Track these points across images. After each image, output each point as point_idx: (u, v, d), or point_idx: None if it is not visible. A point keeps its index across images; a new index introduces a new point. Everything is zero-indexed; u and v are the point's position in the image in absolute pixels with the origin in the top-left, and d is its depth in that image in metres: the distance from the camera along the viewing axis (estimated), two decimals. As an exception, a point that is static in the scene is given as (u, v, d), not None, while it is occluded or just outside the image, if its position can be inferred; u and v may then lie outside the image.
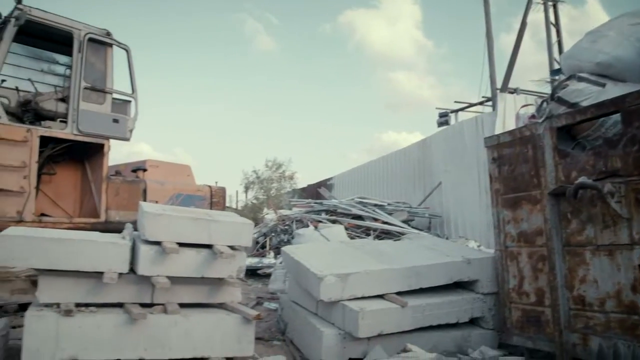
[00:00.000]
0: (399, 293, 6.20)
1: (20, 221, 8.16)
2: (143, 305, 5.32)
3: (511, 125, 10.79)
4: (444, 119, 18.50)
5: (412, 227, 14.54)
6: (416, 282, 6.37)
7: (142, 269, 5.12)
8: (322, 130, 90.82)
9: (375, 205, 15.55)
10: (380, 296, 6.14)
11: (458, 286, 6.72)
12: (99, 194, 9.19)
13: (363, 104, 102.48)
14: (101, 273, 5.09)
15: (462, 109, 19.23)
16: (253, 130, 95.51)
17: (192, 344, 5.31)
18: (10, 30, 8.67)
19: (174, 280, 5.24)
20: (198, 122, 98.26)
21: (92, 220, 9.04)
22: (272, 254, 13.66)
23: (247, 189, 41.85)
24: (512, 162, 6.25)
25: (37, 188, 8.63)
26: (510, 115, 13.89)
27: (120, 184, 9.49)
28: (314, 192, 25.47)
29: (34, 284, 8.05)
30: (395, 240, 11.47)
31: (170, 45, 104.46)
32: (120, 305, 5.35)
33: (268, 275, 11.66)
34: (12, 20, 8.64)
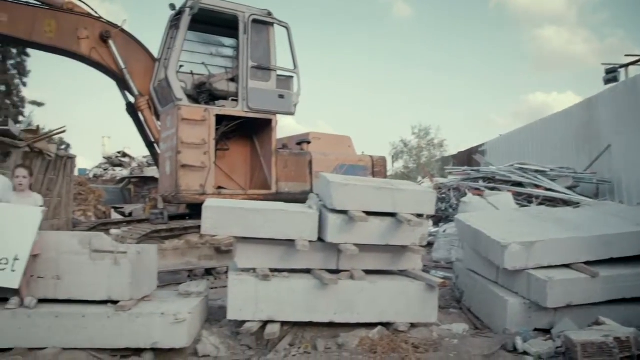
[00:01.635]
0: (586, 263, 5.87)
1: (202, 194, 8.86)
2: (329, 271, 5.56)
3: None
4: (612, 75, 16.90)
5: (578, 194, 13.67)
6: (606, 251, 5.97)
7: (331, 236, 5.33)
8: (464, 95, 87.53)
9: (537, 171, 14.74)
10: (567, 266, 5.85)
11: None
12: (269, 167, 9.68)
13: (506, 65, 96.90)
14: (291, 241, 5.40)
15: (633, 63, 17.47)
16: (392, 100, 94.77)
17: (379, 310, 5.46)
18: (186, 19, 9.34)
19: (359, 248, 5.38)
20: (336, 94, 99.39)
21: (264, 191, 9.56)
22: (430, 222, 13.54)
23: (395, 158, 41.92)
24: None
25: (214, 163, 9.27)
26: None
27: (288, 157, 9.92)
28: (464, 158, 24.77)
29: (218, 251, 8.78)
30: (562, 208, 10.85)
31: (303, 18, 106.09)
32: (307, 271, 5.65)
33: (428, 244, 11.62)
34: (187, 10, 9.30)
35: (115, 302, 5.01)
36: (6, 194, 5.25)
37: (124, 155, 29.69)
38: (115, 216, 17.40)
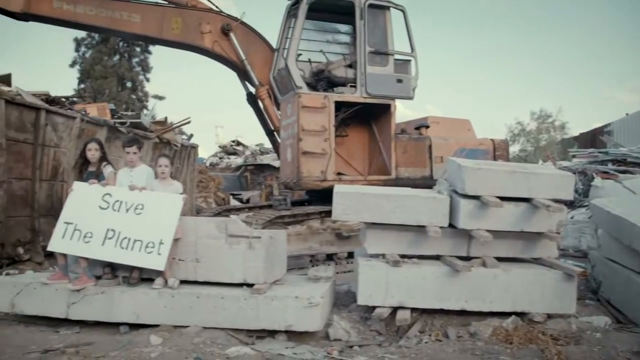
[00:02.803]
0: None
1: (323, 180, 8.99)
2: (458, 258, 5.42)
3: None
4: None
5: None
6: None
7: (462, 222, 5.19)
8: (578, 73, 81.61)
9: (675, 152, 13.59)
10: None
11: None
12: (388, 153, 9.62)
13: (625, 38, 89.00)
14: (421, 227, 5.32)
15: None
16: (500, 81, 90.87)
17: (512, 299, 5.26)
18: (303, 8, 9.46)
19: (491, 234, 5.20)
20: (441, 76, 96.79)
21: (384, 177, 9.53)
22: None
23: (512, 141, 40.17)
24: None
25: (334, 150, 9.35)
26: None
27: (407, 142, 9.81)
28: (587, 140, 23.26)
29: (339, 236, 8.87)
30: None
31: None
32: (436, 257, 5.55)
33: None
34: (305, -1, 9.42)
35: (249, 285, 5.21)
36: (150, 182, 5.59)
37: (238, 143, 30.83)
38: (234, 202, 18.15)
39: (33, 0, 9.29)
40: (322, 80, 9.69)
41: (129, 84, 33.59)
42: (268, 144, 29.25)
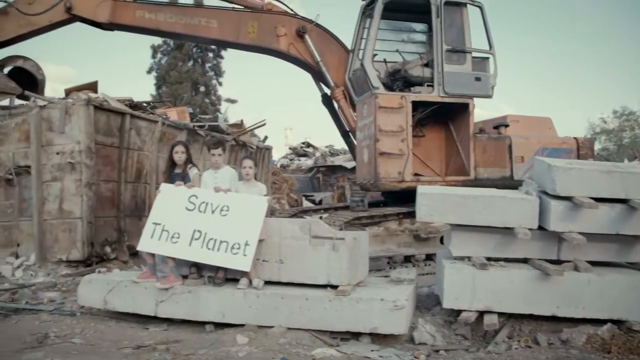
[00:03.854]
0: None
1: (401, 181, 8.89)
2: (548, 262, 5.21)
3: None
4: None
5: None
6: None
7: (553, 224, 4.99)
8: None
9: None
10: None
11: None
12: (467, 153, 9.40)
13: None
14: (508, 229, 5.15)
15: None
16: (575, 78, 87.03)
17: (607, 305, 5.00)
18: (379, 8, 9.40)
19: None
20: (513, 74, 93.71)
21: (462, 177, 9.32)
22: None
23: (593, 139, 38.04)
24: None
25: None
26: None
27: (486, 141, 9.56)
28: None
29: (417, 238, 8.75)
30: None
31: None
32: (524, 260, 5.36)
33: None
34: (380, -1, 9.35)
35: (333, 286, 5.21)
36: (234, 184, 5.70)
37: (308, 145, 31.05)
38: (306, 204, 18.27)
39: (117, 10, 9.73)
40: (398, 80, 9.57)
41: (202, 89, 34.44)
42: (338, 146, 29.45)
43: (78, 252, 8.51)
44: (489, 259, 5.28)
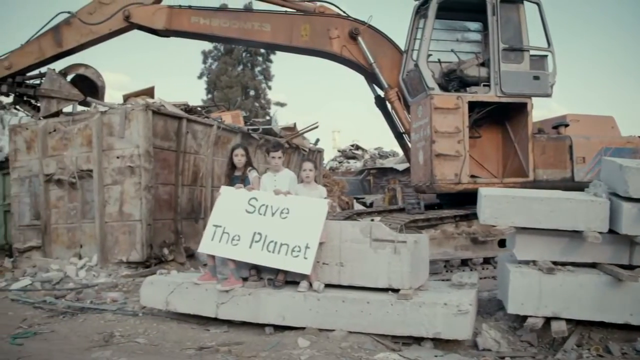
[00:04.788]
0: None
1: (458, 183, 8.72)
2: (619, 267, 4.99)
3: None
4: None
5: None
6: None
7: (625, 228, 4.79)
8: None
9: None
10: None
11: None
12: (525, 154, 9.15)
13: None
14: (575, 232, 4.97)
15: None
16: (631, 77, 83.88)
17: (685, 312, 4.76)
18: (434, 8, 9.26)
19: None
20: (565, 72, 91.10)
21: (521, 179, 9.07)
22: None
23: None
24: None
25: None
26: None
27: (546, 142, 9.28)
28: None
29: (474, 241, 8.57)
30: None
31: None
32: (592, 265, 5.15)
33: None
34: (435, -2, 9.21)
35: (394, 290, 5.13)
36: (293, 187, 5.70)
37: (357, 147, 30.95)
38: (357, 206, 18.17)
39: (173, 17, 9.94)
40: (453, 80, 9.39)
41: (252, 92, 34.84)
42: (387, 148, 29.26)
43: (137, 254, 8.72)
44: (554, 263, 5.10)
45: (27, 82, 10.24)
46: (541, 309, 4.91)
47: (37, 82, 10.24)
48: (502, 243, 8.74)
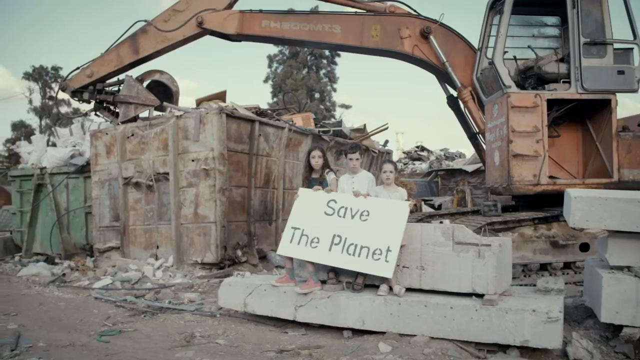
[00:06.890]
0: None
1: (536, 184, 8.39)
2: None
3: None
4: None
5: None
6: None
7: None
8: None
9: None
10: None
11: None
12: (608, 153, 8.69)
13: None
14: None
15: None
16: None
17: None
18: (509, 3, 8.95)
19: None
20: None
21: (604, 180, 8.62)
22: None
23: None
24: None
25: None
26: None
27: (632, 140, 8.78)
28: None
29: (554, 245, 8.22)
30: None
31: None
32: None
33: None
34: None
35: (478, 295, 4.96)
36: (372, 188, 5.61)
37: (422, 149, 30.50)
38: (425, 208, 17.83)
39: (245, 22, 10.10)
40: (530, 77, 9.03)
41: (317, 95, 35.11)
42: (453, 149, 28.66)
43: (212, 255, 8.87)
44: (654, 269, 4.80)
45: (107, 89, 10.63)
46: (638, 318, 4.62)
47: (116, 88, 10.63)
48: (583, 247, 8.37)
